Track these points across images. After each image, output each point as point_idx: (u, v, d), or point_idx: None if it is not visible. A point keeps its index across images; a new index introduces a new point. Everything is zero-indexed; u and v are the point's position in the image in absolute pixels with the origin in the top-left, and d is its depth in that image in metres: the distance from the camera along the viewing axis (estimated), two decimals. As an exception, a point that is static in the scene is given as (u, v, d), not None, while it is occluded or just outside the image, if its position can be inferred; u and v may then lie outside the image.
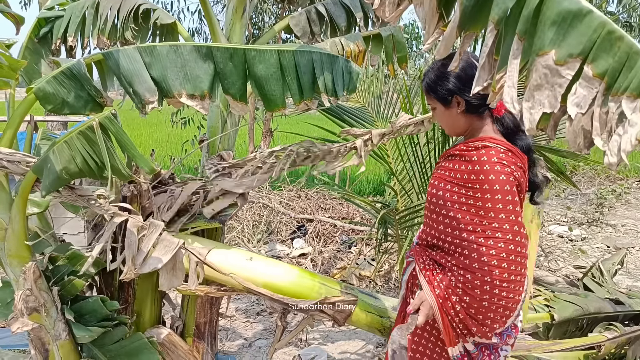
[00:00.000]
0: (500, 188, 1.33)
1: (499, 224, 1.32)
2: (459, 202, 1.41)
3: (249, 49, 1.70)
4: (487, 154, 1.37)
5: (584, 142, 0.79)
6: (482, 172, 1.36)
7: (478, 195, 1.36)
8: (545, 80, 0.78)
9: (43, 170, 1.57)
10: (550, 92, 0.78)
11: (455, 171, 1.44)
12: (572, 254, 4.87)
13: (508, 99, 0.82)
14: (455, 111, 1.45)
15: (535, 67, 0.79)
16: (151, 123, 16.63)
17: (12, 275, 1.80)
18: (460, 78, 1.41)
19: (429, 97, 1.49)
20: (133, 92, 1.66)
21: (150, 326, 2.22)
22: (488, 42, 0.85)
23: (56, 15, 2.63)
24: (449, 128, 1.53)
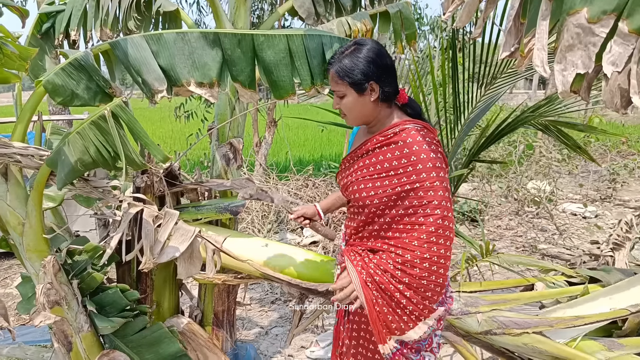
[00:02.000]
0: (432, 166, 1.33)
1: (437, 201, 1.33)
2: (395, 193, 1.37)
3: (257, 35, 1.67)
4: (409, 135, 1.37)
5: (622, 101, 0.76)
6: (412, 153, 1.34)
7: (413, 178, 1.34)
8: (578, 40, 0.75)
9: (57, 163, 1.56)
10: (584, 52, 0.75)
11: (380, 162, 1.41)
12: (588, 230, 4.83)
13: (538, 62, 0.79)
14: (369, 99, 1.39)
15: (567, 27, 0.76)
16: (154, 119, 16.65)
17: (32, 269, 1.80)
18: (377, 64, 1.36)
19: (339, 82, 1.40)
20: (142, 81, 1.64)
21: (169, 316, 2.23)
22: (514, 4, 0.81)
23: (57, 10, 2.61)
24: (356, 116, 1.45)
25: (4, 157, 1.59)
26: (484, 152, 5.45)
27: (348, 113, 1.45)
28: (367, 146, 1.46)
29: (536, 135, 6.39)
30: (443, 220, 1.33)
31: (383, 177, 1.40)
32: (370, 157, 1.44)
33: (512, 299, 2.25)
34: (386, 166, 1.39)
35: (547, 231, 5.16)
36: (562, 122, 2.42)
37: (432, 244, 1.33)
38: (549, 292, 2.31)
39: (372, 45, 1.39)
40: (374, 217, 1.44)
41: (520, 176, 5.76)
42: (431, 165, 1.33)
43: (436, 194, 1.33)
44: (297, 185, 6.32)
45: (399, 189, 1.36)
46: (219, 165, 2.34)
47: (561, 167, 6.35)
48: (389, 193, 1.38)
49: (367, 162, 1.45)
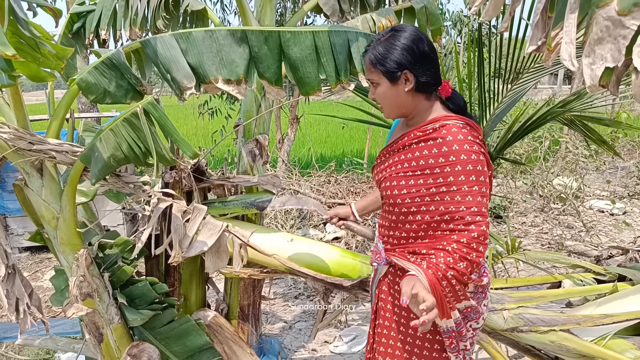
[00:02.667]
0: (473, 168, 1.24)
1: (477, 208, 1.24)
2: (429, 194, 1.30)
3: (284, 31, 1.69)
4: (449, 132, 1.28)
5: (653, 95, 0.75)
6: (451, 152, 1.26)
7: (450, 180, 1.26)
8: (607, 33, 0.74)
9: (91, 159, 1.61)
10: (613, 45, 0.74)
11: (416, 159, 1.33)
12: (616, 227, 4.71)
13: (566, 56, 0.78)
14: (402, 88, 1.32)
15: (596, 19, 0.75)
16: (178, 117, 16.91)
17: (65, 262, 1.87)
18: (412, 52, 1.28)
19: (372, 71, 1.34)
20: (171, 78, 1.68)
21: (196, 309, 2.28)
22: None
23: (88, 10, 2.68)
24: (391, 107, 1.38)
25: (40, 153, 1.66)
26: (508, 149, 5.37)
27: (382, 103, 1.39)
28: (403, 141, 1.39)
29: (562, 131, 6.26)
30: (479, 234, 1.24)
31: (418, 175, 1.32)
32: (406, 152, 1.37)
33: (538, 296, 2.22)
34: (422, 164, 1.31)
35: (574, 228, 5.05)
36: (588, 117, 2.37)
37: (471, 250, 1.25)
38: (577, 289, 2.28)
39: (411, 31, 1.30)
40: (407, 216, 1.37)
41: (546, 172, 5.65)
42: (471, 167, 1.24)
43: (475, 199, 1.24)
44: (320, 182, 6.35)
45: (433, 189, 1.29)
46: (245, 161, 2.37)
47: (588, 163, 6.20)
48: (423, 193, 1.31)
49: (402, 158, 1.37)
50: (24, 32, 1.24)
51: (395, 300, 1.52)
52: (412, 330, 1.49)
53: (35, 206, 1.77)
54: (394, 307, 1.53)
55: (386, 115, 1.42)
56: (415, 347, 1.48)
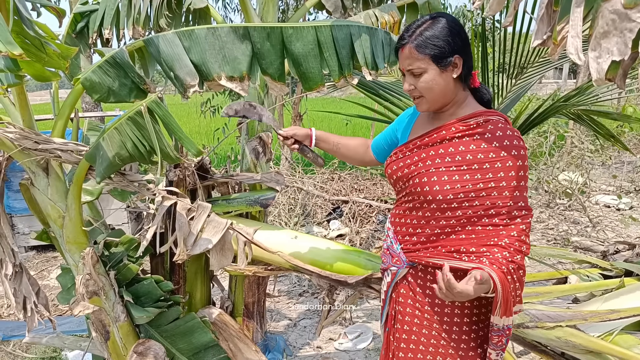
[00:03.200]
0: (522, 164, 1.25)
1: (524, 203, 1.25)
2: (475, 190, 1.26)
3: (286, 27, 1.69)
4: (497, 127, 1.26)
5: (660, 88, 0.74)
6: (503, 148, 1.23)
7: (500, 175, 1.23)
8: (613, 26, 0.74)
9: (96, 158, 1.62)
10: (619, 39, 0.74)
11: (460, 153, 1.28)
12: (623, 222, 4.68)
13: (572, 49, 0.78)
14: (451, 76, 1.27)
15: (602, 13, 0.75)
16: (181, 115, 16.95)
17: (71, 261, 1.88)
18: (460, 36, 1.25)
19: (419, 58, 1.26)
20: (174, 76, 1.68)
21: (201, 307, 2.29)
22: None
23: (91, 9, 2.69)
24: (436, 98, 1.31)
25: (46, 152, 1.66)
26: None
27: (427, 93, 1.30)
28: (442, 134, 1.32)
29: (567, 126, 6.22)
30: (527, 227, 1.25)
31: (464, 169, 1.27)
32: (448, 146, 1.31)
33: (544, 291, 2.22)
34: (469, 158, 1.26)
35: (580, 224, 5.03)
36: (595, 111, 2.35)
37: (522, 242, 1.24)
38: (583, 285, 2.27)
39: (452, 18, 1.28)
40: (444, 212, 1.31)
41: (552, 167, 5.62)
42: (521, 163, 1.24)
43: (522, 194, 1.25)
44: (323, 179, 6.35)
45: (481, 184, 1.25)
46: (248, 159, 2.38)
47: (594, 157, 6.17)
48: (469, 188, 1.26)
49: (441, 152, 1.31)
50: (28, 32, 1.24)
51: (416, 302, 1.46)
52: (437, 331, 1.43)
53: (41, 205, 1.78)
54: (415, 309, 1.46)
55: (424, 107, 1.35)
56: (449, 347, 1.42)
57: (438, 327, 1.43)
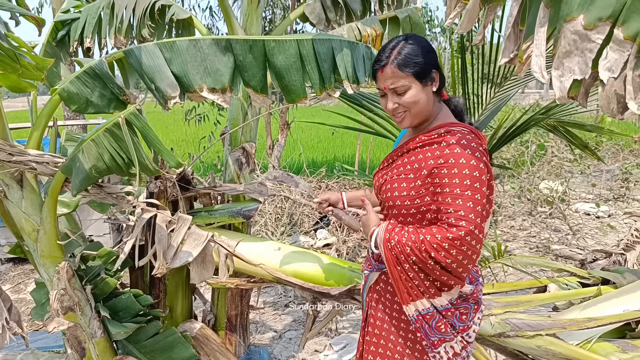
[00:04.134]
0: (469, 173, 1.25)
1: (464, 212, 1.24)
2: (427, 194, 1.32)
3: (268, 40, 1.70)
4: (454, 137, 1.30)
5: (618, 107, 0.76)
6: (452, 155, 1.28)
7: (445, 181, 1.27)
8: (575, 46, 0.76)
9: (72, 170, 1.60)
10: (581, 58, 0.76)
11: (418, 161, 1.36)
12: (601, 231, 4.77)
13: (536, 68, 0.80)
14: (431, 89, 1.35)
15: (564, 33, 0.77)
16: (167, 123, 16.84)
17: (45, 275, 1.85)
18: (434, 52, 1.33)
19: (402, 75, 1.32)
20: (155, 88, 1.68)
21: (182, 321, 2.26)
22: (513, 12, 0.83)
23: (72, 18, 2.67)
24: (419, 112, 1.37)
25: (20, 164, 1.64)
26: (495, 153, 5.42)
27: (412, 107, 1.36)
28: (408, 145, 1.41)
29: (548, 136, 6.34)
30: (466, 234, 1.23)
31: (417, 176, 1.34)
32: (410, 155, 1.39)
33: (524, 300, 2.24)
34: (422, 165, 1.33)
35: (561, 231, 5.11)
36: (570, 122, 2.41)
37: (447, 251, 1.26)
38: (562, 293, 2.30)
39: (420, 36, 1.37)
40: (406, 218, 1.39)
41: (533, 176, 5.71)
42: (468, 172, 1.25)
43: (464, 204, 1.24)
44: (311, 188, 6.35)
45: (431, 188, 1.31)
46: (231, 169, 2.37)
47: (573, 167, 6.29)
48: (422, 194, 1.33)
49: (405, 161, 1.40)
50: (2, 44, 1.23)
51: (386, 308, 1.52)
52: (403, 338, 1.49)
53: (15, 218, 1.75)
54: (384, 315, 1.52)
55: (408, 123, 1.41)
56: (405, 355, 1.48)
57: (404, 333, 1.48)
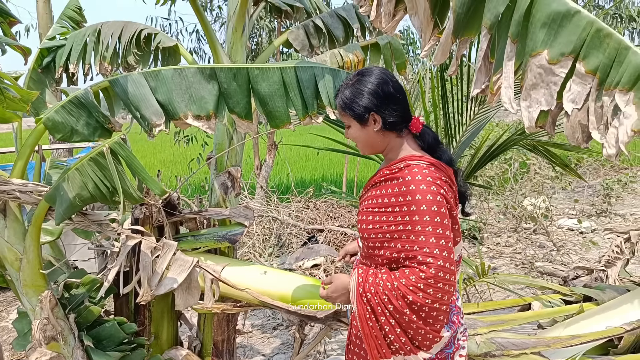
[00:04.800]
0: (427, 208, 1.27)
1: (429, 249, 1.26)
2: (389, 232, 1.34)
3: (252, 68, 1.74)
4: (410, 172, 1.32)
5: (582, 136, 0.80)
6: (408, 192, 1.30)
7: (406, 219, 1.30)
8: (540, 79, 0.80)
9: (56, 199, 1.60)
10: (546, 90, 0.80)
11: (381, 197, 1.38)
12: (584, 246, 4.84)
13: (506, 99, 0.84)
14: (372, 129, 1.38)
15: (530, 67, 0.82)
16: (155, 144, 16.76)
17: (28, 305, 1.82)
18: (377, 94, 1.35)
19: (343, 114, 1.41)
20: (140, 116, 1.70)
21: (168, 347, 2.23)
22: (483, 46, 0.87)
23: (58, 45, 2.69)
24: (364, 146, 1.45)
25: (3, 194, 1.63)
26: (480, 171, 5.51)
27: (355, 143, 1.47)
28: (375, 178, 1.45)
29: (530, 154, 6.48)
30: (438, 270, 1.24)
31: (382, 212, 1.37)
32: (377, 189, 1.42)
33: (509, 319, 2.26)
34: (385, 201, 1.36)
35: (545, 247, 5.17)
36: (549, 142, 2.48)
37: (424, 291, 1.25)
38: (545, 311, 2.33)
39: (376, 74, 1.37)
40: (374, 250, 1.41)
41: (516, 194, 5.81)
42: (425, 207, 1.27)
43: (427, 240, 1.26)
44: (298, 207, 6.35)
45: (393, 227, 1.33)
46: (217, 193, 2.38)
47: (555, 184, 6.42)
48: (385, 230, 1.35)
49: (373, 194, 1.43)
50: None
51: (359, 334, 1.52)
52: None
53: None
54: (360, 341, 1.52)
55: (361, 152, 1.50)
56: None
57: None
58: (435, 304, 1.26)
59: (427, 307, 1.26)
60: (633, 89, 0.75)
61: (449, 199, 1.33)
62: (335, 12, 2.55)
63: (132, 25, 2.58)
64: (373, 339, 1.33)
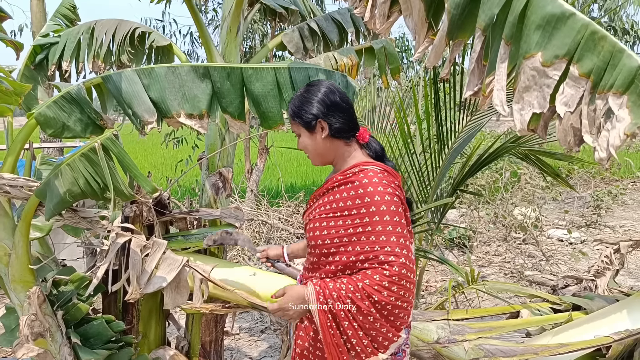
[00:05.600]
0: (386, 209, 1.30)
1: (391, 248, 1.28)
2: (346, 235, 1.35)
3: (246, 68, 1.74)
4: (366, 176, 1.35)
5: (574, 139, 0.81)
6: (366, 194, 1.32)
7: (366, 220, 1.31)
8: (534, 81, 0.81)
9: (46, 194, 1.58)
10: (539, 93, 0.81)
11: (336, 201, 1.39)
12: (573, 257, 4.88)
13: (497, 101, 0.85)
14: (320, 136, 1.42)
15: (523, 69, 0.82)
16: (146, 146, 16.67)
17: (16, 300, 1.80)
18: (324, 102, 1.40)
19: (294, 123, 1.46)
20: (132, 113, 1.69)
21: (155, 347, 2.21)
22: (476, 48, 0.88)
23: (51, 42, 2.68)
24: (314, 156, 1.48)
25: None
26: (470, 180, 5.54)
27: (305, 151, 1.49)
28: (327, 185, 1.46)
29: (521, 163, 6.54)
30: (401, 268, 1.27)
31: (338, 216, 1.38)
32: (329, 195, 1.43)
33: (498, 326, 2.27)
34: (341, 205, 1.37)
35: (535, 257, 5.21)
36: (541, 151, 2.50)
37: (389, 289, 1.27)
38: (534, 319, 2.34)
39: (325, 85, 1.44)
40: (327, 257, 1.41)
41: (507, 203, 5.85)
42: (385, 208, 1.30)
43: (388, 239, 1.28)
44: (288, 212, 6.34)
45: (351, 230, 1.34)
46: (208, 194, 2.37)
47: (545, 194, 6.48)
48: (342, 234, 1.35)
49: (325, 201, 1.44)
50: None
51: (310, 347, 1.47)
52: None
53: (-15, 242, 1.71)
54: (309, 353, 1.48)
55: (313, 163, 1.51)
56: None
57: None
58: (398, 301, 1.29)
59: (390, 305, 1.29)
60: (627, 92, 0.76)
61: (403, 201, 1.38)
62: (330, 15, 2.56)
63: (126, 23, 2.58)
64: (334, 347, 1.34)
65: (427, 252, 2.82)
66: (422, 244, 3.26)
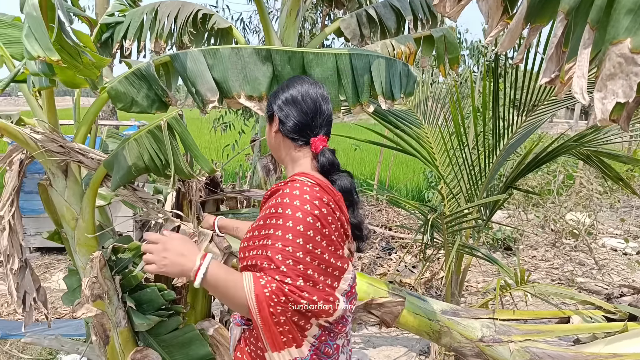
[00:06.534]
0: (292, 226, 1.17)
1: (276, 265, 1.14)
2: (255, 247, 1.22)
3: (307, 52, 1.75)
4: (291, 187, 1.25)
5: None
6: (281, 205, 1.21)
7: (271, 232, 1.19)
8: (620, 69, 0.77)
9: (113, 166, 1.67)
10: (625, 82, 0.77)
11: (262, 212, 1.30)
12: (629, 267, 4.64)
13: (577, 89, 0.81)
14: (272, 130, 1.37)
15: (609, 56, 0.79)
16: (192, 130, 17.16)
17: (80, 263, 1.92)
18: (285, 97, 1.35)
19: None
20: (195, 92, 1.75)
21: (201, 319, 2.29)
22: (557, 33, 0.85)
23: (117, 21, 2.79)
24: (269, 147, 1.45)
25: (68, 156, 1.72)
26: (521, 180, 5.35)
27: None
28: (266, 194, 1.38)
29: (577, 166, 6.23)
30: (274, 290, 1.12)
31: (255, 226, 1.28)
32: (262, 206, 1.37)
33: (546, 330, 2.20)
34: (261, 215, 1.28)
35: (585, 265, 4.98)
36: (604, 152, 2.38)
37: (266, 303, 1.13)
38: (586, 326, 2.25)
39: (297, 79, 1.39)
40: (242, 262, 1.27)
41: (559, 207, 5.61)
42: (291, 224, 1.18)
43: (285, 260, 1.14)
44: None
45: (262, 241, 1.21)
46: (259, 175, 2.42)
47: (602, 199, 6.16)
48: (251, 246, 1.24)
49: (264, 206, 1.35)
50: (67, 41, 1.30)
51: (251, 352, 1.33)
52: None
53: (57, 206, 1.83)
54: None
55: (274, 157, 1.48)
56: None
57: None
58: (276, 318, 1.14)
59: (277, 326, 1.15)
60: None
61: (325, 222, 1.22)
62: (388, 2, 2.53)
63: (189, 5, 2.66)
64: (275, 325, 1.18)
65: (474, 249, 2.76)
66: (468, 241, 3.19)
